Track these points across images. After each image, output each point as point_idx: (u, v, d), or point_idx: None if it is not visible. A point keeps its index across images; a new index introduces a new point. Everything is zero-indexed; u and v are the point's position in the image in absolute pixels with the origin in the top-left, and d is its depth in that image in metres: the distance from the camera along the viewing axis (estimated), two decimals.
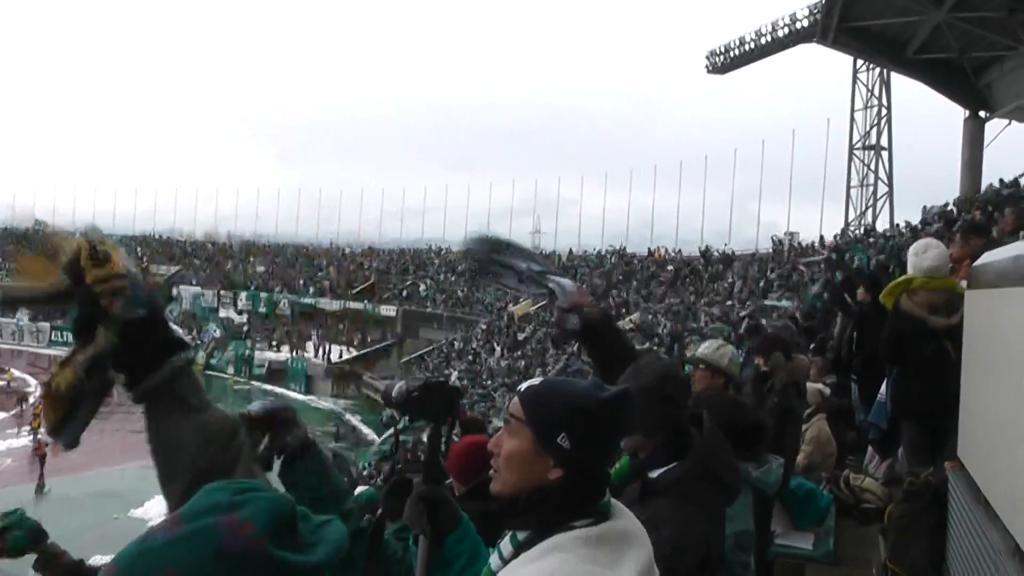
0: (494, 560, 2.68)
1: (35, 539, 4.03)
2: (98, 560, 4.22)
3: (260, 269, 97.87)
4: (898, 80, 57.80)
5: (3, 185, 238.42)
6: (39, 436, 48.35)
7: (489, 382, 54.85)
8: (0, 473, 44.97)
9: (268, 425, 3.65)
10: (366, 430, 54.22)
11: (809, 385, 10.19)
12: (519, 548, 2.60)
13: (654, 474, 4.15)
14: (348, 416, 61.07)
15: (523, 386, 2.74)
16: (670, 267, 65.41)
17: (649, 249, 72.80)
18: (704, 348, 6.93)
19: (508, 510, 2.65)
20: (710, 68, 65.44)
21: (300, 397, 69.36)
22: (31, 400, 58.91)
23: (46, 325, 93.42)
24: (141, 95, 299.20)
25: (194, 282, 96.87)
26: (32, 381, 70.62)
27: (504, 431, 2.70)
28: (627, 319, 52.74)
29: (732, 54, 62.75)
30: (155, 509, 39.44)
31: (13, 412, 57.58)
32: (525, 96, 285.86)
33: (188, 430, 3.41)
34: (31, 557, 3.90)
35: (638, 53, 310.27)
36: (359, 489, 7.69)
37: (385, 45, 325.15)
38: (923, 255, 8.33)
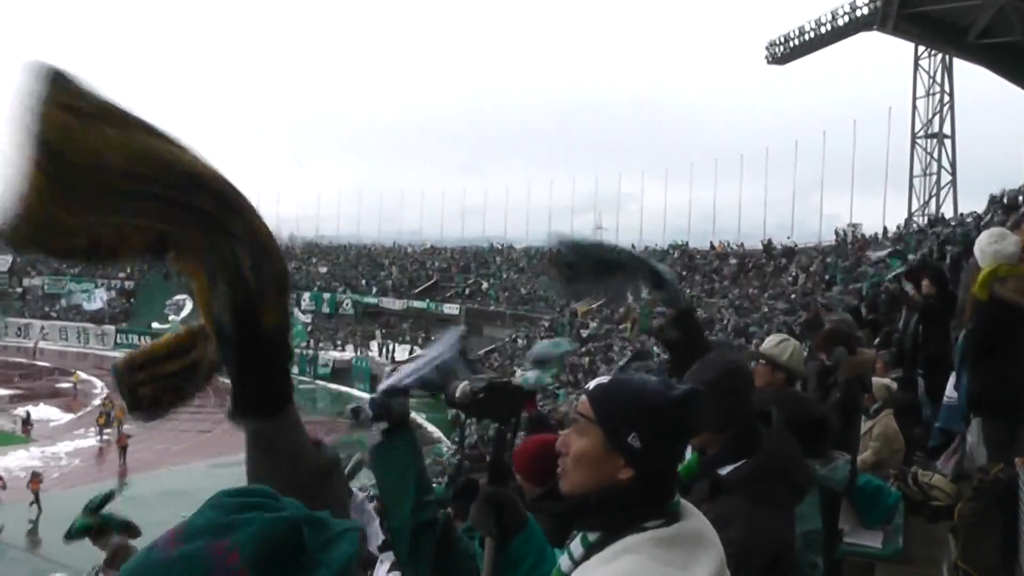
0: (564, 562, 2.66)
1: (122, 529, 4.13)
2: None
3: (323, 270, 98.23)
4: (960, 66, 57.12)
5: None
6: (122, 429, 49.24)
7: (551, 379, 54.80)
8: (69, 473, 45.37)
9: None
10: (431, 427, 54.27)
11: (875, 380, 10.06)
12: (590, 549, 2.58)
13: (723, 471, 4.11)
14: (413, 413, 61.18)
15: (591, 384, 2.72)
16: (732, 261, 65.02)
17: (712, 244, 72.37)
18: (766, 343, 6.88)
19: (578, 511, 2.62)
20: (770, 59, 65.00)
21: (365, 396, 69.40)
22: (98, 401, 59.73)
23: (111, 328, 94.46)
24: (202, 98, 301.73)
25: None
26: (98, 383, 71.43)
27: (572, 430, 2.69)
28: None
29: (792, 44, 62.27)
30: None
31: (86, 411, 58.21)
32: (585, 93, 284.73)
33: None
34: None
35: (697, 46, 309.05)
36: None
37: (446, 45, 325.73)
38: (1002, 243, 8.18)
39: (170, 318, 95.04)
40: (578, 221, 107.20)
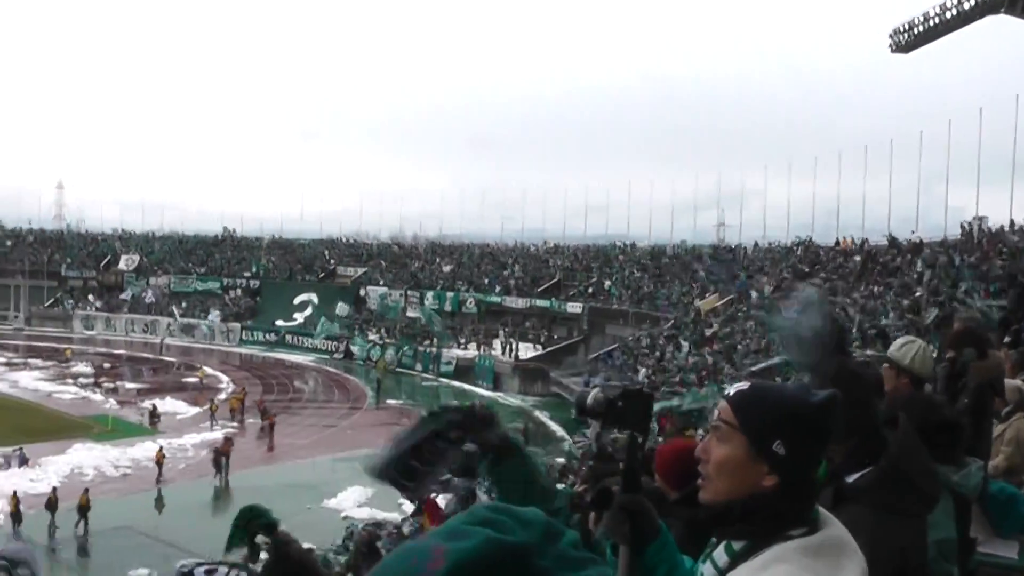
0: (708, 570, 2.64)
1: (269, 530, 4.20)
2: None
3: (446, 269, 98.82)
4: None
5: (192, 194, 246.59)
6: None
7: (677, 379, 54.19)
8: (195, 464, 46.27)
9: (469, 424, 3.68)
10: (555, 427, 54.37)
11: (1008, 382, 9.77)
12: (735, 559, 2.56)
13: (849, 479, 4.01)
14: (536, 413, 61.34)
15: (732, 390, 2.69)
16: (856, 257, 64.00)
17: (837, 239, 71.33)
18: (892, 346, 6.72)
19: (721, 519, 2.61)
20: (894, 47, 63.92)
21: (488, 394, 69.83)
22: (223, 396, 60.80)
23: (236, 325, 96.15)
24: (326, 103, 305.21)
25: (381, 282, 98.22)
26: (224, 378, 72.78)
27: (713, 437, 2.66)
28: None
29: (916, 31, 61.12)
30: (348, 500, 40.19)
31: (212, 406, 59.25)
32: (708, 86, 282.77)
33: None
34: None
35: (821, 36, 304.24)
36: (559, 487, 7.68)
37: (567, 39, 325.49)
38: None
39: (294, 316, 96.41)
40: (701, 218, 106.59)
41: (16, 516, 36.48)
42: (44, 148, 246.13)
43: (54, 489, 38.92)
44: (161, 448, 46.94)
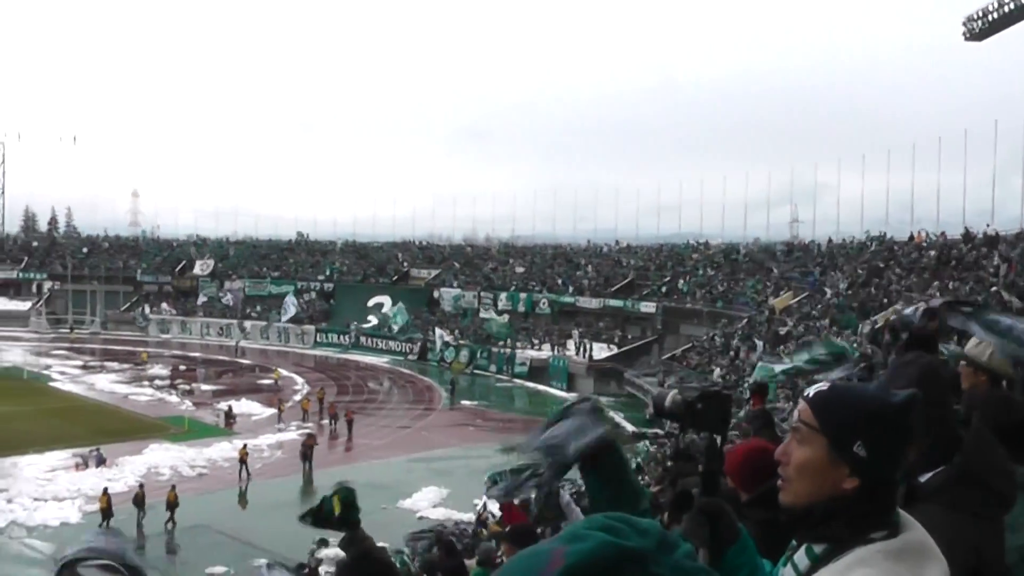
0: (788, 573, 2.60)
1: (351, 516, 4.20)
2: None
3: (519, 270, 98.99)
4: None
5: (266, 200, 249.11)
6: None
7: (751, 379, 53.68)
8: (272, 464, 46.55)
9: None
10: (630, 428, 54.14)
11: None
12: (816, 562, 2.50)
13: (921, 479, 3.87)
14: (611, 413, 61.16)
15: (811, 391, 2.60)
16: (932, 252, 63.15)
17: (911, 234, 70.41)
18: (969, 343, 6.50)
19: (802, 522, 2.54)
20: (967, 35, 63.28)
21: (562, 395, 69.76)
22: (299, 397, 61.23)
23: (311, 328, 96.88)
24: (399, 108, 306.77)
25: (455, 284, 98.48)
26: (299, 379, 73.37)
27: (793, 438, 2.57)
28: (890, 309, 51.11)
29: (991, 18, 60.45)
30: (423, 500, 40.29)
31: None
32: (779, 80, 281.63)
33: None
34: None
35: (892, 26, 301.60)
36: None
37: (638, 40, 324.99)
38: None
39: (368, 318, 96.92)
40: (775, 215, 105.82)
41: (107, 512, 36.90)
42: (120, 157, 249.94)
43: (141, 485, 39.53)
44: (245, 445, 47.64)
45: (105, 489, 38.58)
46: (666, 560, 1.85)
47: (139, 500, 37.94)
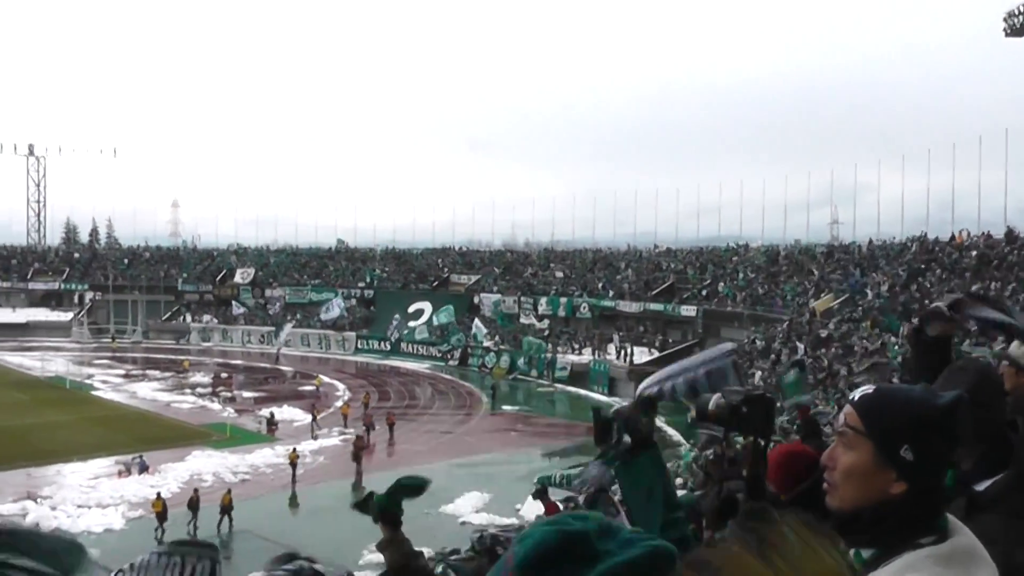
0: None
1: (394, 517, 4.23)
2: None
3: (559, 275, 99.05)
4: None
5: (305, 208, 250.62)
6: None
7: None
8: (314, 470, 46.73)
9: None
10: (671, 431, 53.96)
11: None
12: (864, 567, 2.44)
13: (980, 487, 3.83)
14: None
15: (856, 394, 2.59)
16: (973, 252, 62.64)
17: (952, 234, 69.84)
18: (1013, 344, 6.40)
19: (849, 527, 2.47)
20: (1008, 31, 62.78)
21: (603, 399, 69.70)
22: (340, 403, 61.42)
23: (352, 335, 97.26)
24: (435, 114, 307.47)
25: (495, 289, 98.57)
26: (340, 386, 73.73)
27: (839, 443, 2.56)
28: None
29: None
30: (466, 505, 40.33)
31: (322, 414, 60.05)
32: (817, 81, 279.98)
33: None
34: None
35: (930, 22, 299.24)
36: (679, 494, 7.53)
37: (675, 42, 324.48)
38: None
39: (409, 324, 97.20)
40: (814, 216, 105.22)
41: (162, 516, 37.48)
42: (160, 168, 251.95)
43: (195, 490, 40.15)
44: (294, 449, 48.18)
45: (159, 494, 39.16)
46: (611, 538, 1.89)
47: (193, 504, 38.49)
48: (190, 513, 38.20)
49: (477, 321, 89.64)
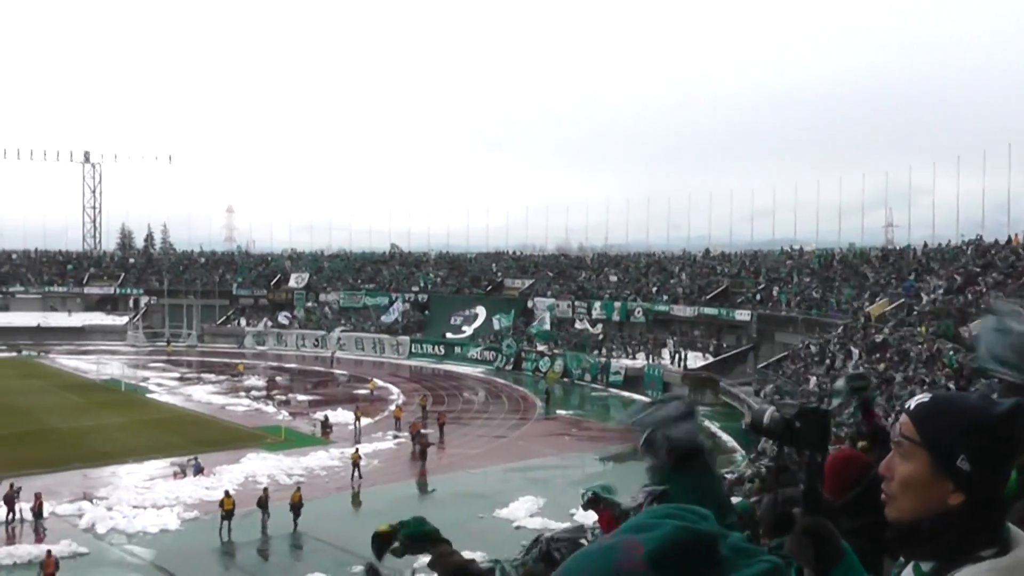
0: None
1: (429, 541, 4.20)
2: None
3: (613, 279, 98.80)
4: None
5: (359, 213, 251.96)
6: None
7: None
8: (368, 473, 46.92)
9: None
10: (725, 437, 53.77)
11: None
12: None
13: None
14: (707, 423, 60.72)
15: (912, 403, 2.53)
16: None
17: (1008, 236, 69.01)
18: None
19: (908, 539, 2.47)
20: None
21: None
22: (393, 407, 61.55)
23: (406, 339, 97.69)
24: (490, 120, 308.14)
25: (548, 294, 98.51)
26: (394, 390, 74.01)
27: (896, 453, 2.51)
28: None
29: None
30: (520, 509, 40.33)
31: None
32: (871, 82, 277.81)
33: None
34: None
35: (982, 22, 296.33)
36: (734, 500, 7.50)
37: (728, 46, 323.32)
38: None
39: (463, 329, 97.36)
40: (869, 219, 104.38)
41: (229, 514, 37.96)
42: (214, 174, 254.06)
43: (265, 489, 40.73)
44: (357, 449, 48.64)
45: (227, 492, 39.55)
46: (727, 542, 1.90)
47: (263, 502, 38.97)
48: (260, 511, 38.62)
49: (539, 311, 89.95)
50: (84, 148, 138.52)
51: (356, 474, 45.53)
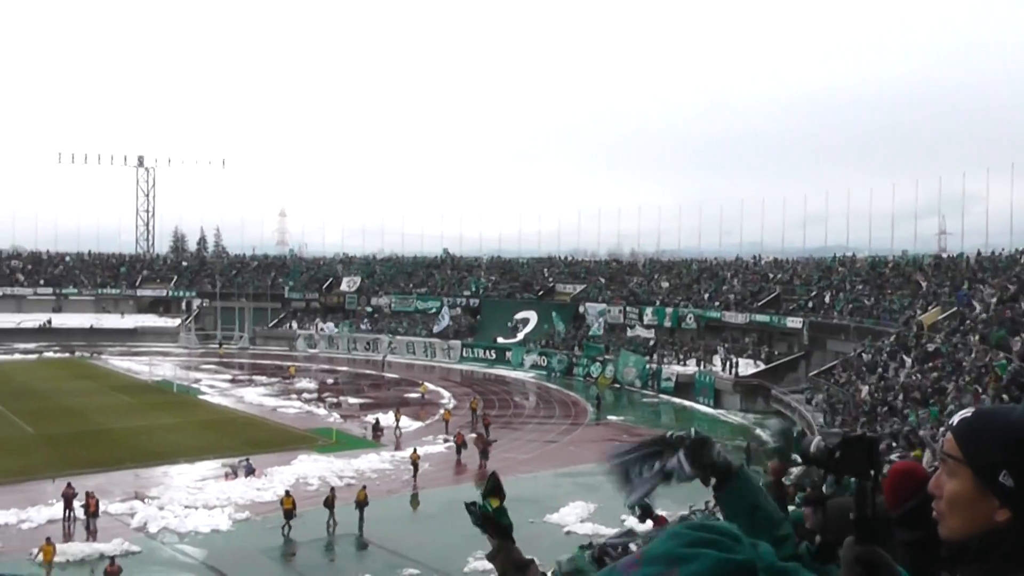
0: None
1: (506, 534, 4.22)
2: None
3: (665, 285, 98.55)
4: None
5: (411, 217, 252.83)
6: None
7: (900, 398, 52.06)
8: (419, 475, 47.09)
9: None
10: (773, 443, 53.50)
11: None
12: None
13: None
14: (758, 431, 60.40)
15: (955, 419, 2.48)
16: None
17: None
18: None
19: (960, 557, 2.41)
20: None
21: (708, 411, 69.35)
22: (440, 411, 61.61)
23: (457, 343, 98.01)
24: (542, 124, 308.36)
25: (600, 299, 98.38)
26: (445, 393, 74.15)
27: (943, 470, 2.46)
28: None
29: None
30: (571, 515, 40.30)
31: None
32: (923, 88, 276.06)
33: None
34: None
35: None
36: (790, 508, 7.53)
37: (778, 52, 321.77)
38: None
39: (516, 332, 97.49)
40: (921, 226, 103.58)
41: (290, 513, 38.32)
42: (267, 178, 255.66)
43: (332, 488, 41.04)
44: (415, 449, 49.31)
45: (287, 491, 40.08)
46: (763, 565, 1.87)
47: (329, 502, 39.24)
48: (327, 511, 38.83)
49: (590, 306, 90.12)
50: (138, 152, 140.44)
51: (415, 475, 45.98)
